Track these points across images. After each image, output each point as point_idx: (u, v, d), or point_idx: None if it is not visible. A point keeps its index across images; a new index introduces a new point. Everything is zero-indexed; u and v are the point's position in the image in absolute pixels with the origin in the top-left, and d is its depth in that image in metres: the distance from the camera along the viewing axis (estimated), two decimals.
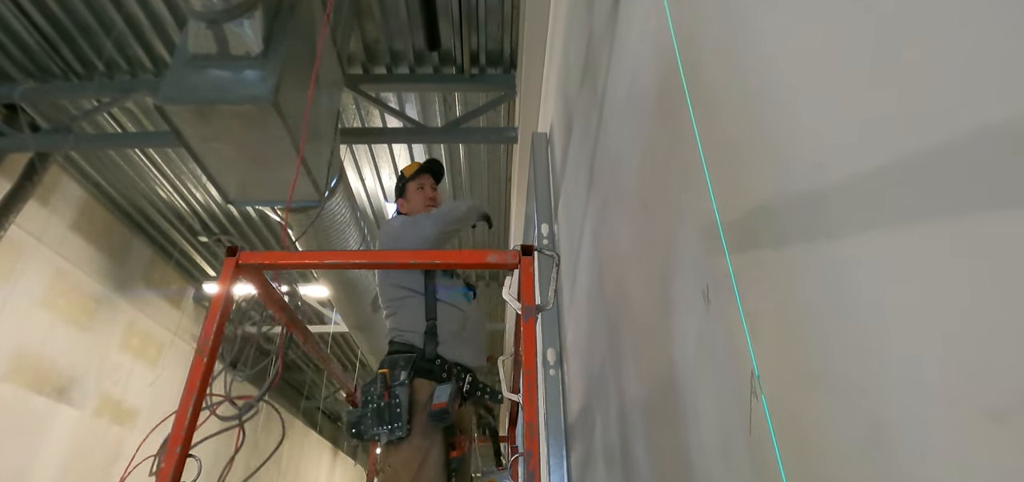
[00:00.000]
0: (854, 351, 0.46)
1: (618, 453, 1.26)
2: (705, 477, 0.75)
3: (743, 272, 0.66)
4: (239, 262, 1.06)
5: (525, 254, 1.07)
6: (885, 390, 0.42)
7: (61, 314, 4.72)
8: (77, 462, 4.85)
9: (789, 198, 0.57)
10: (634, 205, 1.12)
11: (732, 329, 0.68)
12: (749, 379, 0.63)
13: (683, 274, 0.84)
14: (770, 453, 0.58)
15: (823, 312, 0.51)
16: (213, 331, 1.03)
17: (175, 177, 4.72)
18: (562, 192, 2.37)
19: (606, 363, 1.40)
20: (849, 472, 0.46)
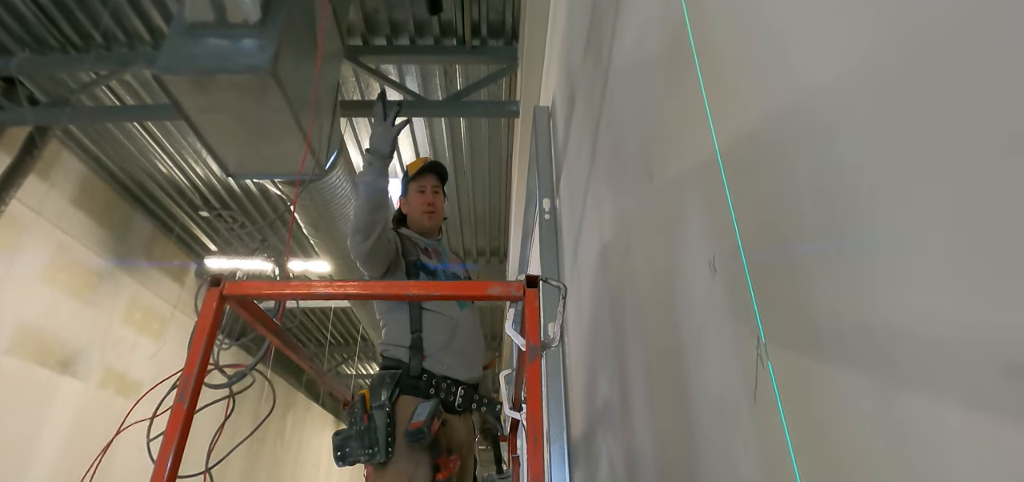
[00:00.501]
0: (865, 312, 0.46)
1: (619, 422, 1.27)
2: (708, 445, 0.76)
3: (751, 238, 0.65)
4: (223, 292, 0.97)
5: (530, 286, 0.97)
6: (899, 350, 0.42)
7: (63, 288, 4.74)
8: (82, 433, 4.93)
9: (801, 163, 0.56)
10: (639, 176, 1.11)
11: (739, 296, 0.67)
12: (755, 346, 0.63)
13: (689, 243, 0.83)
14: (776, 419, 0.58)
15: (835, 275, 0.50)
16: (195, 370, 0.90)
17: (175, 152, 4.69)
18: (564, 166, 2.35)
19: (609, 334, 1.40)
20: (860, 436, 0.46)
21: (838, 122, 0.49)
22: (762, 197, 0.64)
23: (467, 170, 4.93)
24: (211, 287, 0.97)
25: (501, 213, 5.64)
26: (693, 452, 0.80)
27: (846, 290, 0.48)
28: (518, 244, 4.66)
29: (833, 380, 0.50)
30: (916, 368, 0.40)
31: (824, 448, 0.51)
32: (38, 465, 4.50)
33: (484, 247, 6.30)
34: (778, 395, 0.58)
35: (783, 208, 0.59)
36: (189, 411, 0.88)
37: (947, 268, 0.37)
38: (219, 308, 0.96)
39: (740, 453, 0.66)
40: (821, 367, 0.52)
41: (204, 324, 0.94)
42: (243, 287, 0.99)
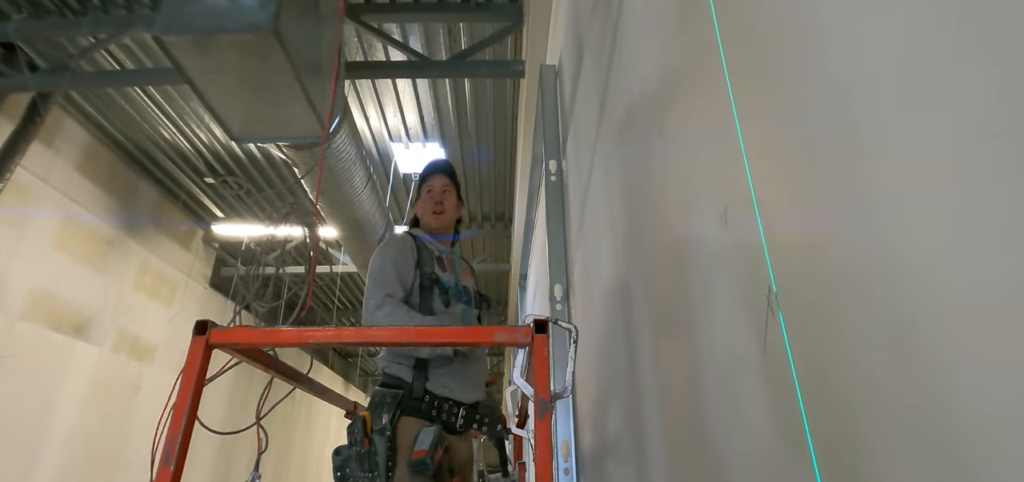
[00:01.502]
0: (882, 255, 0.45)
1: (625, 378, 1.28)
2: (715, 396, 0.77)
3: (765, 189, 0.64)
4: (210, 341, 0.88)
5: (539, 331, 0.88)
6: (917, 289, 0.41)
7: (74, 255, 4.79)
8: (99, 395, 5.07)
9: (818, 111, 0.54)
10: (650, 131, 1.09)
11: (750, 247, 0.67)
12: (766, 296, 0.63)
13: (700, 196, 0.82)
14: (785, 369, 0.58)
15: (850, 222, 0.49)
16: (181, 428, 0.82)
17: (178, 117, 4.66)
18: (571, 127, 2.32)
19: (616, 295, 1.41)
20: (872, 386, 0.46)
21: (860, 70, 0.47)
22: (777, 145, 0.62)
23: (472, 133, 4.88)
24: (196, 335, 0.89)
25: (506, 177, 5.60)
26: (700, 404, 0.81)
27: (863, 239, 0.47)
28: (523, 208, 4.65)
29: (846, 329, 0.49)
30: (934, 317, 0.40)
31: (834, 397, 0.51)
32: (58, 426, 4.65)
33: (489, 212, 6.28)
34: (788, 344, 0.58)
35: (799, 157, 0.58)
36: (176, 473, 0.80)
37: (968, 218, 0.36)
38: (206, 357, 0.89)
39: (748, 403, 0.66)
40: (833, 316, 0.51)
41: (189, 377, 0.85)
42: (231, 335, 0.91)
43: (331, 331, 0.91)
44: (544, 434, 0.81)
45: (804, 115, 0.56)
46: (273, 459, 8.47)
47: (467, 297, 1.69)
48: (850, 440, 0.49)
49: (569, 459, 1.86)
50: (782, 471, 0.59)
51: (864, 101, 0.47)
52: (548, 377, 0.85)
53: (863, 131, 0.47)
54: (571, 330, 0.96)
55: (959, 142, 0.37)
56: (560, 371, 1.51)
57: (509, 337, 0.91)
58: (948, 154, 0.38)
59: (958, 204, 0.37)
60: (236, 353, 1.00)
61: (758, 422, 0.64)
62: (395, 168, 5.19)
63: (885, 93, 0.44)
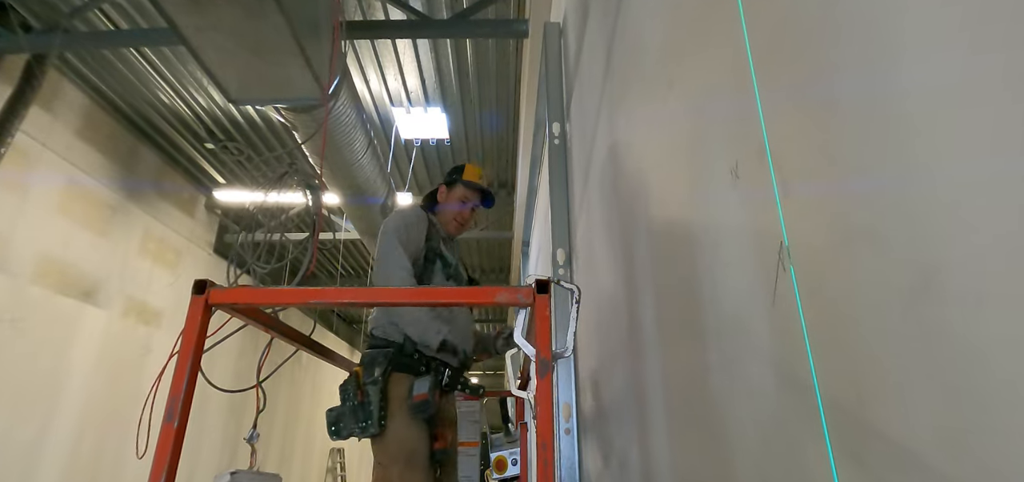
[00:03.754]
0: (903, 206, 0.43)
1: (627, 339, 1.28)
2: (719, 353, 0.75)
3: (780, 142, 0.61)
4: (209, 301, 0.87)
5: (541, 291, 0.86)
6: (937, 238, 0.39)
7: (78, 220, 4.80)
8: (109, 358, 5.16)
9: (838, 51, 0.51)
10: (658, 85, 1.05)
11: (761, 202, 0.64)
12: (777, 250, 0.61)
13: (710, 150, 0.79)
14: (795, 324, 0.57)
15: (870, 168, 0.47)
16: (183, 387, 0.82)
17: (176, 81, 4.58)
18: (575, 87, 2.26)
19: (619, 256, 1.39)
20: (886, 334, 0.44)
21: (889, 25, 0.44)
22: (796, 98, 0.59)
23: (474, 98, 4.79)
24: (195, 295, 0.88)
25: (509, 144, 5.53)
26: (704, 362, 0.80)
27: (884, 189, 0.45)
28: (526, 175, 4.60)
29: (861, 282, 0.47)
30: (955, 266, 0.37)
31: (845, 352, 0.50)
32: (71, 389, 4.75)
33: (492, 179, 6.23)
34: (799, 299, 0.56)
35: (819, 110, 0.54)
36: (179, 429, 0.81)
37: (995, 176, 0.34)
38: (205, 318, 0.88)
39: (754, 359, 0.65)
40: (848, 269, 0.49)
41: (190, 337, 0.85)
42: (230, 295, 0.91)
43: (333, 291, 0.91)
44: (546, 392, 0.80)
45: (831, 62, 0.53)
46: (281, 420, 8.68)
47: (460, 280, 1.82)
48: (860, 396, 0.47)
49: (570, 420, 1.88)
50: (788, 427, 0.58)
51: (893, 55, 0.43)
52: (550, 337, 0.84)
53: (890, 85, 0.44)
54: (573, 290, 0.94)
55: (986, 99, 0.34)
56: (561, 333, 1.51)
57: (511, 297, 0.90)
58: (977, 112, 0.35)
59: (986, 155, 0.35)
60: (236, 313, 0.99)
61: (763, 378, 0.62)
62: (396, 133, 5.13)
63: (914, 48, 0.41)
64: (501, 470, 2.11)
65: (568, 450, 1.83)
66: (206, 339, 0.88)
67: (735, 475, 0.69)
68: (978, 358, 0.35)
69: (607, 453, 1.46)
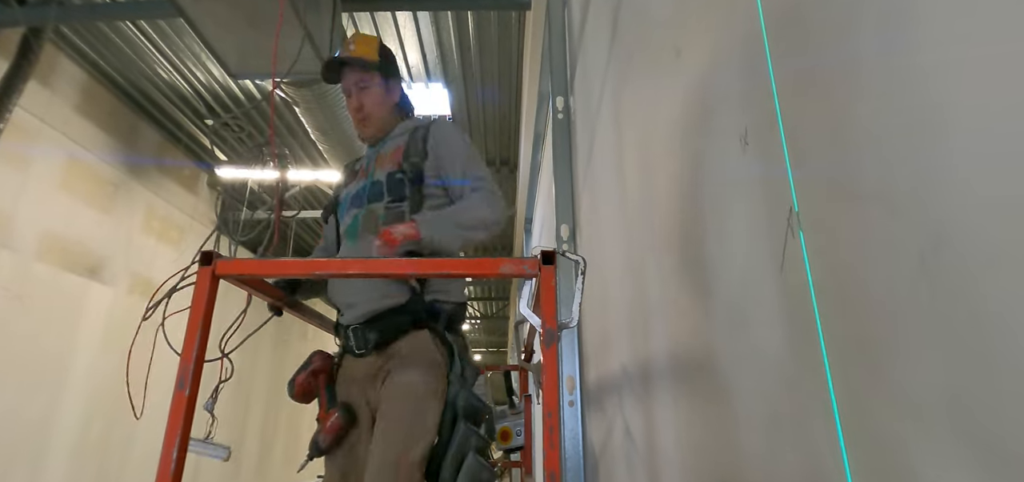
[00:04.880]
0: (914, 165, 0.42)
1: (632, 311, 1.28)
2: (726, 319, 0.75)
3: (792, 105, 0.60)
4: (215, 272, 0.88)
5: (546, 262, 0.86)
6: (949, 199, 0.39)
7: (81, 197, 4.80)
8: (117, 334, 5.22)
9: (853, 15, 0.50)
10: (665, 54, 1.03)
11: (771, 168, 0.63)
12: (786, 216, 0.60)
13: (719, 119, 0.78)
14: (803, 288, 0.57)
15: (883, 132, 0.46)
16: (193, 356, 0.83)
17: (174, 56, 4.53)
18: (579, 60, 2.22)
19: (624, 228, 1.38)
20: (896, 297, 0.44)
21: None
22: (809, 62, 0.58)
23: (476, 72, 4.72)
24: (202, 265, 0.89)
25: (511, 120, 5.47)
26: (710, 328, 0.80)
27: (896, 152, 0.44)
28: (529, 151, 4.57)
29: (871, 245, 0.47)
30: (965, 227, 0.37)
31: (853, 316, 0.50)
32: (79, 366, 4.81)
33: (494, 156, 6.19)
34: (808, 263, 0.56)
35: (832, 73, 0.53)
36: (191, 397, 0.83)
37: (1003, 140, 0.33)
38: (213, 288, 0.89)
39: (763, 324, 0.65)
40: (858, 233, 0.49)
41: (198, 307, 0.86)
42: (236, 266, 0.92)
43: (337, 263, 0.90)
44: (551, 362, 0.81)
45: (845, 25, 0.52)
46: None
47: (360, 199, 1.29)
48: (869, 359, 0.47)
49: (574, 393, 1.91)
50: (795, 392, 0.58)
51: (907, 21, 0.42)
52: (555, 307, 0.85)
53: (904, 50, 0.43)
54: (579, 261, 0.94)
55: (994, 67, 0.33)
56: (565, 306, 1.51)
57: (516, 268, 0.90)
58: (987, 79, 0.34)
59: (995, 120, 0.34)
60: (244, 286, 0.99)
61: (771, 343, 0.63)
62: None
63: (928, 14, 0.40)
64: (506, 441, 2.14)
65: (572, 422, 1.86)
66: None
67: (741, 440, 0.70)
68: (987, 320, 0.35)
69: (611, 424, 1.48)
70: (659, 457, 1.02)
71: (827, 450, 0.51)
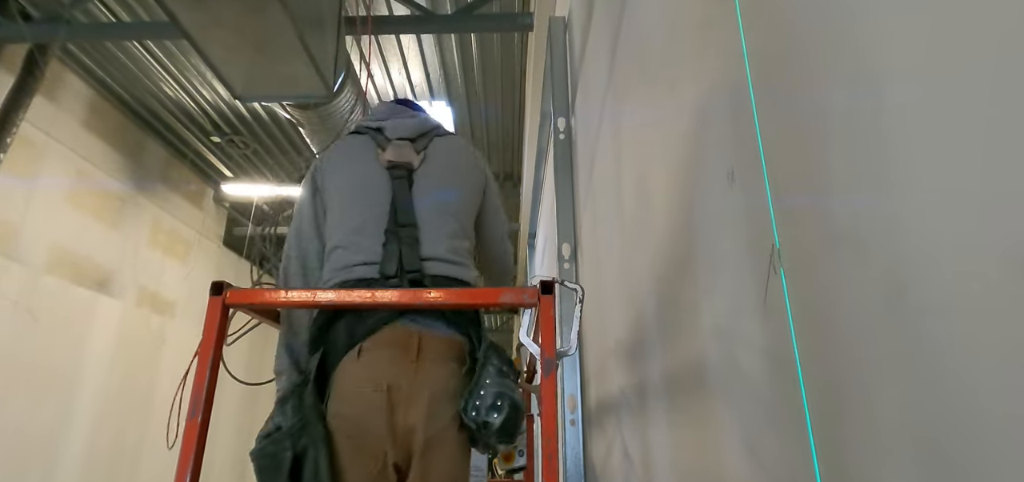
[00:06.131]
0: (880, 212, 0.45)
1: (631, 332, 1.31)
2: (717, 346, 0.78)
3: (774, 150, 0.64)
4: (226, 301, 0.91)
5: (545, 292, 0.88)
6: (910, 248, 0.42)
7: (89, 211, 4.87)
8: (126, 348, 5.26)
9: (828, 64, 0.53)
10: (660, 86, 1.07)
11: (756, 205, 0.67)
12: (769, 253, 0.63)
13: (709, 154, 0.82)
14: (783, 322, 0.60)
15: (853, 179, 0.49)
16: (205, 384, 0.86)
17: (180, 74, 4.61)
18: (580, 83, 2.27)
19: (623, 252, 1.41)
20: (865, 335, 0.47)
21: (883, 48, 0.46)
22: (789, 108, 0.61)
23: (479, 91, 4.79)
24: (213, 296, 0.92)
25: (515, 135, 5.53)
26: (702, 354, 0.83)
27: (867, 206, 0.47)
28: (532, 167, 4.61)
29: (843, 286, 0.50)
30: (927, 281, 0.40)
31: (830, 350, 0.53)
32: (89, 378, 4.85)
33: (498, 171, 6.25)
34: (787, 299, 0.59)
35: (811, 122, 0.57)
36: (203, 423, 0.85)
37: (972, 196, 0.36)
38: (224, 318, 0.92)
39: (748, 355, 0.68)
40: (832, 274, 0.52)
41: (210, 336, 0.89)
42: (246, 296, 0.94)
43: (344, 292, 0.93)
44: (550, 391, 0.83)
45: (820, 81, 0.55)
46: None
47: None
48: (842, 396, 0.50)
49: (575, 411, 1.92)
50: (776, 416, 0.61)
51: (885, 78, 0.46)
52: (554, 337, 0.87)
53: (880, 107, 0.46)
54: (577, 291, 0.97)
55: (953, 120, 0.37)
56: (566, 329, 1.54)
57: (516, 298, 0.93)
58: (946, 132, 0.38)
59: (960, 187, 0.37)
60: (252, 313, 1.03)
61: (756, 373, 0.65)
62: None
63: (906, 76, 0.43)
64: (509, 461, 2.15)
65: (573, 441, 1.87)
66: (227, 336, 0.92)
67: (731, 462, 0.72)
68: (945, 362, 0.38)
69: (611, 444, 1.50)
70: (655, 476, 1.04)
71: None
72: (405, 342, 0.99)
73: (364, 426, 0.94)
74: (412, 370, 0.97)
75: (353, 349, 0.98)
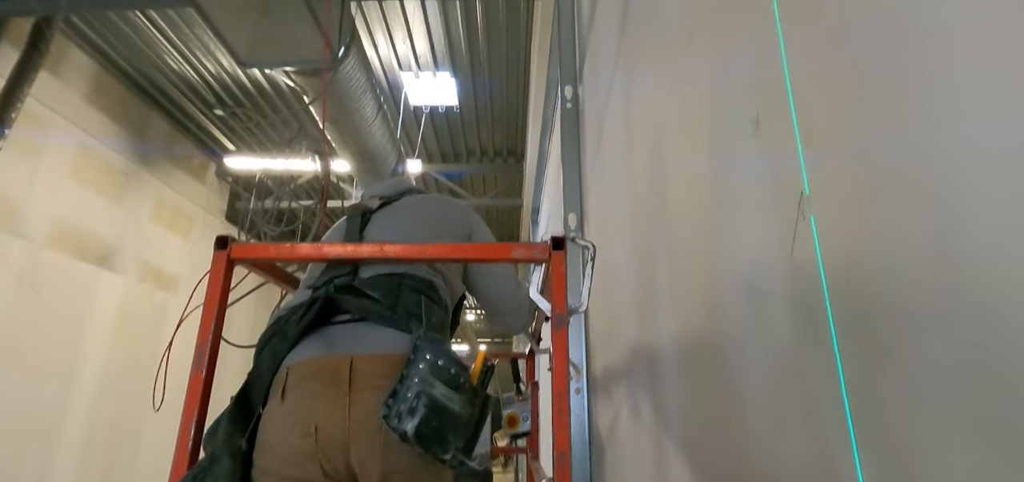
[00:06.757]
0: (926, 153, 0.43)
1: (640, 299, 1.29)
2: (736, 306, 0.76)
3: (804, 90, 0.61)
4: (231, 255, 0.90)
5: (556, 247, 0.87)
6: (957, 190, 0.39)
7: (92, 186, 4.86)
8: (128, 323, 5.29)
9: (872, 13, 0.50)
10: (677, 41, 1.03)
11: (782, 153, 0.64)
12: (797, 199, 0.61)
13: (731, 105, 0.79)
14: (813, 270, 0.57)
15: (896, 119, 0.46)
16: (209, 337, 0.84)
17: (183, 46, 4.55)
18: (589, 48, 2.22)
19: (633, 216, 1.39)
20: (904, 282, 0.45)
21: None
22: (821, 46, 0.58)
23: (483, 61, 4.71)
24: (218, 250, 0.90)
25: (519, 110, 5.46)
26: (718, 316, 0.81)
27: (909, 141, 0.45)
28: (536, 141, 4.57)
29: (879, 231, 0.48)
30: (980, 213, 0.38)
31: (861, 298, 0.51)
32: (91, 352, 4.89)
33: (501, 147, 6.19)
34: (818, 247, 0.57)
35: (845, 58, 0.54)
36: (207, 377, 0.84)
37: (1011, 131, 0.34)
38: (228, 271, 0.90)
39: (772, 306, 0.66)
40: (867, 219, 0.50)
41: (214, 290, 0.88)
42: (252, 250, 0.93)
43: (350, 247, 0.91)
44: (561, 345, 0.82)
45: (855, 18, 0.52)
46: None
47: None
48: (878, 343, 0.48)
49: (580, 380, 1.93)
50: (803, 372, 0.59)
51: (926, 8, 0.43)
52: (565, 292, 0.86)
53: (916, 34, 0.43)
54: (588, 247, 0.96)
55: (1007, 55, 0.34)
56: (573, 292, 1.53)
57: (527, 253, 0.91)
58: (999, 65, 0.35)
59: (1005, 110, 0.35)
60: (255, 269, 1.02)
61: (779, 325, 0.64)
62: (405, 99, 5.08)
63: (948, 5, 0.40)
64: (513, 426, 2.17)
65: (578, 409, 1.88)
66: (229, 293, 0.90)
67: (748, 420, 0.71)
68: (993, 307, 0.36)
69: (618, 409, 1.50)
70: (665, 437, 1.04)
71: (835, 433, 0.52)
72: (332, 372, 0.85)
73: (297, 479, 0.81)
74: (343, 406, 0.82)
75: (277, 394, 0.86)
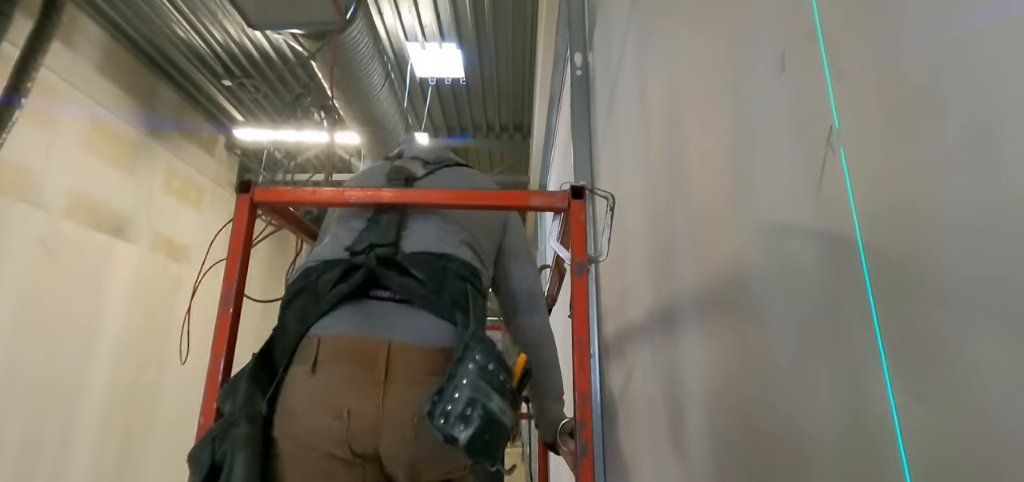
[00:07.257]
0: (958, 58, 0.42)
1: (656, 260, 1.29)
2: (760, 252, 0.76)
3: (832, 19, 0.60)
4: (254, 199, 0.92)
5: (576, 197, 0.87)
6: (993, 92, 0.38)
7: (105, 157, 4.89)
8: (143, 293, 5.37)
9: None
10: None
11: (810, 90, 0.63)
12: (825, 134, 0.60)
13: (755, 46, 0.77)
14: (842, 202, 0.57)
15: (926, 27, 0.45)
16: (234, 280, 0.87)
17: (191, 14, 4.52)
18: (599, 14, 2.18)
19: (648, 177, 1.38)
20: (940, 197, 0.44)
21: None
22: None
23: (490, 33, 4.65)
24: (240, 193, 0.93)
25: (525, 84, 5.39)
26: (741, 264, 0.81)
27: (940, 48, 0.44)
28: (544, 115, 4.52)
29: (913, 147, 0.47)
30: (1012, 125, 0.37)
31: (894, 223, 0.50)
32: (108, 320, 4.98)
33: (507, 122, 6.14)
34: (848, 179, 0.56)
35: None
36: (235, 314, 0.86)
37: None
38: (252, 214, 0.93)
39: (797, 242, 0.66)
40: (900, 139, 0.49)
41: (239, 233, 0.90)
42: (274, 193, 0.95)
43: (370, 191, 0.92)
44: (581, 291, 0.83)
45: None
46: None
47: None
48: (911, 264, 0.48)
49: (591, 346, 1.93)
50: (831, 305, 0.59)
51: None
52: (585, 240, 0.86)
53: None
54: (608, 197, 0.95)
55: None
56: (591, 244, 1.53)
57: (546, 201, 0.92)
58: None
59: None
60: (276, 216, 1.02)
61: (806, 261, 0.63)
62: (411, 70, 5.04)
63: None
64: None
65: None
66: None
67: (771, 359, 0.71)
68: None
69: (631, 369, 1.51)
70: (682, 391, 1.05)
71: (867, 367, 0.52)
72: (369, 355, 0.81)
73: (324, 456, 0.78)
74: (378, 395, 0.79)
75: (306, 362, 0.82)
